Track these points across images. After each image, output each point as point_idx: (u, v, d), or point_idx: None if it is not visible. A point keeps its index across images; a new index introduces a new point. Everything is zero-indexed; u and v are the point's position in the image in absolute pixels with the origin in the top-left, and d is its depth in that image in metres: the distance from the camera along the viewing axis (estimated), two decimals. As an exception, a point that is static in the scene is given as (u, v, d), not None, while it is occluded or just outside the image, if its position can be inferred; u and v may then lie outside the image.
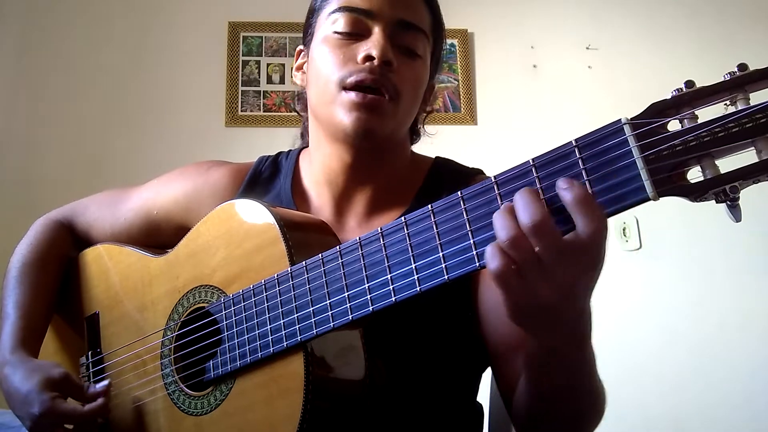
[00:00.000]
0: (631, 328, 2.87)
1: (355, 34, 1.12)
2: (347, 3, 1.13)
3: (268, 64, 3.09)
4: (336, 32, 1.13)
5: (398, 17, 1.12)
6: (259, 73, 3.08)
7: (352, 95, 1.08)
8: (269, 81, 3.05)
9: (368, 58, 1.08)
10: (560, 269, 0.70)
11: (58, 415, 1.05)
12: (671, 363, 2.84)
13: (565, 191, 0.69)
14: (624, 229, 2.97)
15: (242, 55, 3.10)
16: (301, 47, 1.26)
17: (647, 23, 3.28)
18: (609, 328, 2.79)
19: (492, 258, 0.71)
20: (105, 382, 1.09)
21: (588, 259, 0.71)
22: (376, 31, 1.10)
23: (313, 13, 1.22)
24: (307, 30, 1.23)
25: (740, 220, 0.65)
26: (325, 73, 1.12)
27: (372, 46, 1.08)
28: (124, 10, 3.13)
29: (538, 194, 0.71)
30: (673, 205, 2.58)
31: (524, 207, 0.70)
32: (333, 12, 1.14)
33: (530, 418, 0.98)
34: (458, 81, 3.15)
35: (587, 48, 3.24)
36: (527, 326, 0.80)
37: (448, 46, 3.20)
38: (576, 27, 3.28)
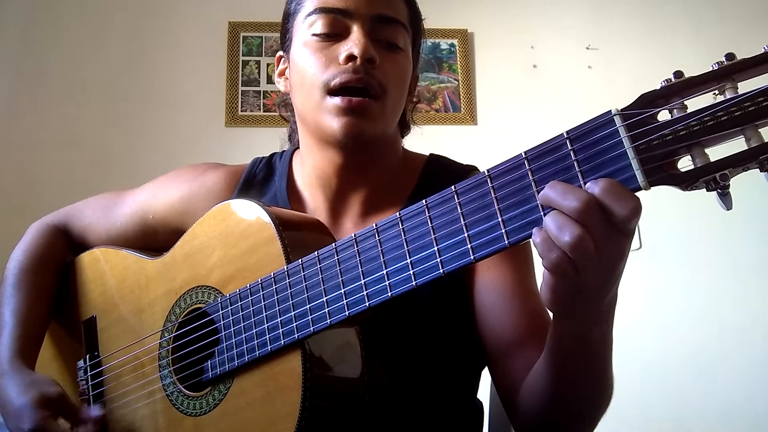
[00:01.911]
0: (632, 328, 2.86)
1: (334, 34, 1.11)
2: (323, 4, 1.11)
3: (268, 64, 3.11)
4: (314, 34, 1.11)
5: (375, 12, 1.11)
6: (259, 73, 3.10)
7: (337, 100, 1.07)
8: (269, 81, 3.06)
9: (350, 58, 1.07)
10: (608, 249, 0.71)
11: None
12: (672, 363, 2.84)
13: (594, 184, 0.68)
14: (625, 229, 2.96)
15: (242, 55, 3.13)
16: (280, 53, 1.25)
17: (647, 23, 3.29)
18: (610, 327, 2.79)
19: (551, 254, 0.71)
20: (98, 411, 1.10)
21: (629, 231, 0.71)
22: (355, 29, 1.09)
23: (288, 17, 1.20)
24: (284, 35, 1.22)
25: (731, 209, 0.65)
26: (309, 78, 1.11)
27: (353, 45, 1.07)
28: (124, 11, 3.15)
29: (570, 184, 0.70)
30: (673, 205, 2.58)
31: (564, 195, 0.69)
32: (309, 14, 1.12)
33: (541, 410, 0.97)
34: (458, 81, 3.16)
35: (587, 48, 3.25)
36: (565, 312, 0.80)
37: (448, 46, 3.20)
38: (576, 27, 3.29)
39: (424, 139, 1.34)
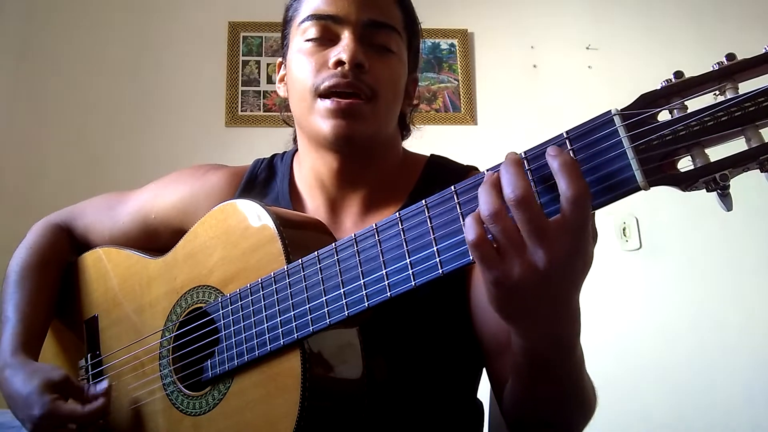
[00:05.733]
0: (631, 328, 2.87)
1: (326, 39, 1.13)
2: (314, 11, 1.14)
3: (268, 64, 3.10)
4: (307, 40, 1.14)
5: (366, 18, 1.12)
6: (259, 73, 3.10)
7: (327, 103, 1.09)
8: (269, 81, 3.06)
9: (339, 63, 1.09)
10: (539, 249, 0.69)
11: (59, 416, 1.06)
12: (671, 363, 2.84)
13: (553, 158, 0.69)
14: (624, 229, 2.97)
15: (242, 55, 3.12)
16: (280, 59, 1.27)
17: (647, 23, 3.28)
18: (609, 328, 2.79)
19: (469, 229, 0.72)
20: (105, 384, 1.10)
21: (569, 241, 0.69)
22: (346, 35, 1.11)
23: (285, 24, 1.23)
24: (283, 41, 1.24)
25: (731, 209, 0.64)
26: (301, 82, 1.13)
27: (342, 50, 1.09)
28: (124, 10, 3.15)
29: (523, 168, 0.71)
30: (673, 205, 2.58)
31: (508, 180, 0.70)
32: (302, 21, 1.15)
33: (518, 418, 0.99)
34: (458, 81, 3.16)
35: (587, 48, 3.25)
36: (506, 313, 0.78)
37: (448, 46, 3.20)
38: (576, 27, 3.28)
39: (424, 139, 1.34)
